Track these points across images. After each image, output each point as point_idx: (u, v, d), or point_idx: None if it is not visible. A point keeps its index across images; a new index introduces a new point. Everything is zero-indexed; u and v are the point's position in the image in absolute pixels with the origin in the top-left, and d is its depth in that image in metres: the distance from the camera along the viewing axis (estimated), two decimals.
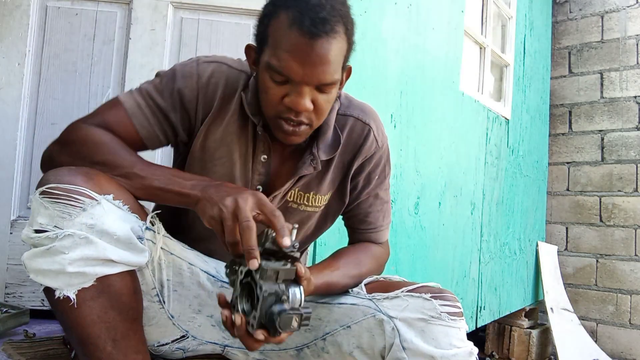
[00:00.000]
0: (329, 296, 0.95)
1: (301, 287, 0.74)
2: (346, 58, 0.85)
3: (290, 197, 0.96)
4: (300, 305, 0.72)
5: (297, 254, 0.73)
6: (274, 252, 0.72)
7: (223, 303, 0.74)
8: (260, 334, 0.69)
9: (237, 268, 0.74)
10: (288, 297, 0.71)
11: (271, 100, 0.83)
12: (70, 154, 0.82)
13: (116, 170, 0.80)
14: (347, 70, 0.90)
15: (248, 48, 0.89)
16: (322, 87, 0.82)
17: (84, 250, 0.70)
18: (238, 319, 0.70)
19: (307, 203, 0.97)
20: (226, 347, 0.99)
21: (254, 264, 0.68)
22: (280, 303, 0.69)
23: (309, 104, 0.81)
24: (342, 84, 0.91)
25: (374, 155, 1.00)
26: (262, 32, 0.84)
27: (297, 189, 0.96)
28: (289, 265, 0.72)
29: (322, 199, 0.99)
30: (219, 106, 0.91)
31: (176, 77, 0.91)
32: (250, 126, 0.93)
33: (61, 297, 0.70)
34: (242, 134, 0.93)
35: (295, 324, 0.69)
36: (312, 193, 0.97)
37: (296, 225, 0.75)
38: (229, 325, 0.72)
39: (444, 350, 0.82)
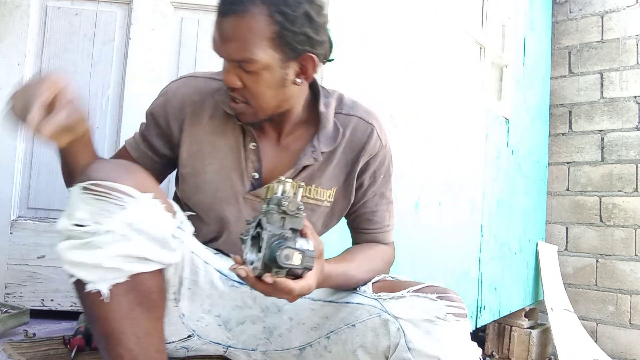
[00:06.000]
0: (339, 293, 0.96)
1: (309, 241, 0.75)
2: (278, 40, 0.84)
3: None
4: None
5: (303, 215, 0.74)
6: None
7: (239, 263, 0.75)
8: (268, 277, 0.70)
9: (248, 227, 0.76)
10: (294, 240, 0.72)
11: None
12: None
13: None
14: (306, 58, 0.89)
15: None
16: (242, 66, 0.85)
17: (122, 247, 0.72)
18: (242, 272, 0.71)
19: (309, 195, 0.99)
20: (229, 348, 0.99)
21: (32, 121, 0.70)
22: (283, 240, 0.70)
23: (231, 79, 0.87)
24: (305, 72, 0.91)
25: (379, 154, 1.02)
26: None
27: (299, 181, 0.97)
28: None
29: (325, 194, 1.00)
30: (192, 113, 0.97)
31: (152, 103, 1.02)
32: (236, 120, 0.97)
33: (93, 291, 0.72)
34: (228, 129, 0.97)
35: (297, 260, 0.70)
36: (313, 186, 0.99)
37: (302, 184, 0.79)
38: (240, 278, 0.73)
39: (449, 351, 0.83)
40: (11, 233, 1.43)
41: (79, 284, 0.73)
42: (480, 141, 2.51)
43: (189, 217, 0.98)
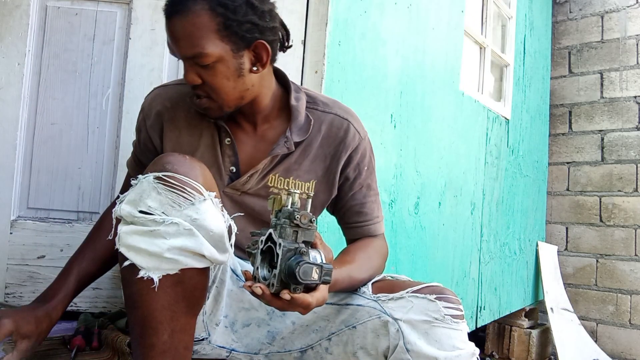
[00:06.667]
0: (339, 295, 0.96)
1: (321, 252, 0.76)
2: (224, 32, 0.88)
3: (270, 182, 1.01)
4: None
5: (315, 227, 0.75)
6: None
7: (249, 279, 0.76)
8: (285, 294, 0.70)
9: (257, 240, 0.76)
10: (308, 254, 0.72)
11: None
12: None
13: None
14: (257, 45, 0.92)
15: None
16: (196, 61, 0.89)
17: (184, 240, 0.74)
18: (258, 290, 0.72)
19: (287, 188, 1.02)
20: (232, 352, 0.99)
21: None
22: (299, 255, 0.70)
23: (190, 77, 0.91)
24: (260, 60, 0.94)
25: (359, 147, 1.05)
26: None
27: (277, 175, 1.01)
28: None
29: (303, 186, 1.03)
30: (168, 120, 1.03)
31: (136, 124, 1.10)
32: (209, 118, 1.01)
33: (145, 278, 0.73)
34: (203, 128, 1.01)
35: (315, 275, 0.70)
36: (291, 178, 1.02)
37: (311, 193, 0.81)
38: (255, 296, 0.74)
39: (447, 352, 0.83)
40: (11, 233, 1.43)
41: (130, 269, 0.75)
42: (480, 141, 2.51)
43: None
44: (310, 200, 0.77)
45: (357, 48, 1.68)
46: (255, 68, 0.94)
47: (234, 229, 0.83)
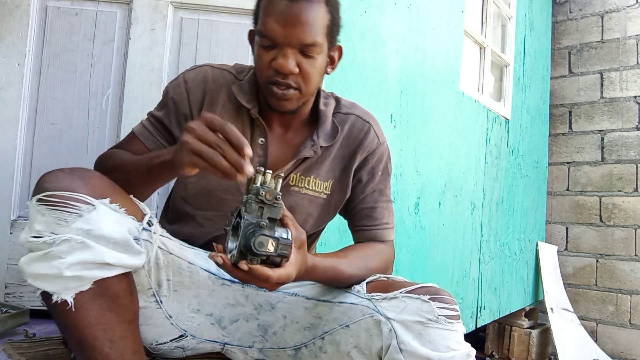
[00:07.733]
0: (332, 293, 0.96)
1: (289, 231, 0.76)
2: (329, 29, 0.92)
3: (292, 181, 1.01)
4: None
5: (281, 205, 0.75)
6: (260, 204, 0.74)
7: (220, 251, 0.76)
8: (243, 264, 0.71)
9: (231, 218, 0.77)
10: (273, 229, 0.73)
11: (262, 65, 0.92)
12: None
13: (119, 170, 0.88)
14: (336, 49, 0.98)
15: (249, 33, 0.99)
16: (305, 50, 0.89)
17: (80, 254, 0.71)
18: (219, 259, 0.72)
19: (307, 186, 1.02)
20: (225, 345, 0.99)
21: (250, 170, 0.71)
22: (259, 229, 0.71)
23: (292, 65, 0.89)
24: (333, 62, 0.99)
25: (377, 150, 1.06)
26: (256, 10, 0.94)
27: (298, 173, 1.01)
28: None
29: (322, 185, 1.04)
30: (208, 101, 1.00)
31: (168, 91, 1.03)
32: (245, 114, 1.00)
33: (59, 301, 0.71)
34: (237, 122, 1.00)
35: (271, 247, 0.71)
36: (311, 177, 1.02)
37: (282, 174, 0.80)
38: (218, 265, 0.74)
39: (441, 353, 0.82)
40: (11, 233, 1.43)
41: (46, 295, 0.73)
42: (480, 141, 2.51)
43: (211, 218, 1.00)
44: (280, 180, 0.76)
45: (357, 48, 1.68)
46: (329, 69, 0.98)
47: (159, 231, 0.82)
